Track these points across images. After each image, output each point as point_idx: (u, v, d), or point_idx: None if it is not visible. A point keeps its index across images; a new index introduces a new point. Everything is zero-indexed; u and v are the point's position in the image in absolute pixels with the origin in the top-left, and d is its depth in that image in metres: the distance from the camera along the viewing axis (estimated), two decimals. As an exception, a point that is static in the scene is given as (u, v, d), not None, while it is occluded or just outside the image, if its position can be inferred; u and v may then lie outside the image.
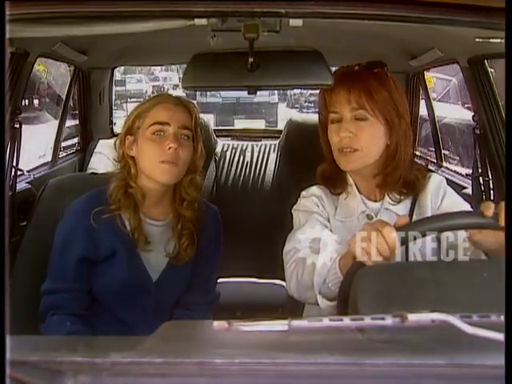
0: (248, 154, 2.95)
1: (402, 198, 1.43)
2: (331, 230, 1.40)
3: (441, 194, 1.42)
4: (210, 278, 1.71)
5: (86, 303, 1.58)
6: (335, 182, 1.46)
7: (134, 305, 1.59)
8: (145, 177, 1.55)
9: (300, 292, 1.33)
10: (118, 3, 1.05)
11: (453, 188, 1.49)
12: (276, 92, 12.71)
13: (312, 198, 1.45)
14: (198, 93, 11.75)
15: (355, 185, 1.45)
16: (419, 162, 2.73)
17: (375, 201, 1.45)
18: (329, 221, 1.43)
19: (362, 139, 1.36)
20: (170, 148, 1.48)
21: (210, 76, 1.45)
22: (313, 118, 2.73)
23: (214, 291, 1.73)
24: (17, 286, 1.66)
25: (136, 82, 16.61)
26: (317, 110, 1.55)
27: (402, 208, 1.42)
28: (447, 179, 1.53)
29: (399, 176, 1.41)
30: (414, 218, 1.40)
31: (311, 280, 1.28)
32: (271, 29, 1.31)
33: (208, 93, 11.52)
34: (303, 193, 1.48)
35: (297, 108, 15.87)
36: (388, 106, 1.38)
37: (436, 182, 1.45)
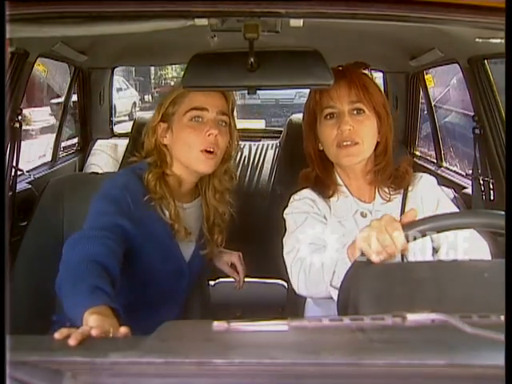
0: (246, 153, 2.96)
1: (393, 194, 1.44)
2: (329, 229, 1.39)
3: (435, 196, 1.42)
4: None
5: (118, 270, 1.26)
6: (323, 184, 1.46)
7: (168, 288, 1.53)
8: (180, 165, 1.48)
9: (310, 289, 1.31)
10: (118, 3, 1.05)
11: (452, 187, 1.49)
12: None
13: (305, 200, 1.44)
14: (238, 94, 11.48)
15: (345, 186, 1.45)
16: (419, 162, 2.75)
17: (365, 202, 1.45)
18: (326, 219, 1.42)
19: (361, 132, 1.39)
20: (209, 135, 1.42)
21: (210, 76, 1.44)
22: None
23: None
24: (17, 286, 1.66)
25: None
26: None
27: (393, 207, 1.42)
28: (447, 178, 1.54)
29: (390, 172, 1.44)
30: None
31: (321, 275, 1.26)
32: (271, 29, 1.32)
33: (247, 95, 11.13)
34: (295, 196, 1.47)
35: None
36: (379, 102, 1.42)
37: (428, 182, 1.46)
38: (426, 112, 2.83)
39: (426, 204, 1.41)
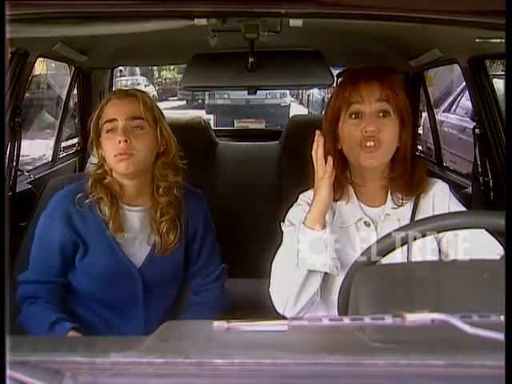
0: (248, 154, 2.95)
1: (405, 200, 1.42)
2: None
3: (446, 204, 1.41)
4: (211, 258, 1.73)
5: (62, 295, 1.63)
6: (335, 186, 1.42)
7: (120, 290, 1.63)
8: (115, 172, 1.61)
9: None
10: (118, 3, 1.05)
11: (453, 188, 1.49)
12: (287, 92, 12.18)
13: (306, 206, 1.40)
14: (206, 94, 11.50)
15: (354, 190, 1.43)
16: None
17: (376, 206, 1.43)
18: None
19: (385, 135, 1.36)
20: (119, 142, 1.52)
21: (210, 76, 1.45)
22: (314, 117, 2.74)
23: (218, 267, 1.74)
24: (17, 285, 1.65)
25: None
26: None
27: (403, 213, 1.40)
28: (446, 178, 1.53)
29: (406, 179, 1.42)
30: None
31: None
32: (271, 29, 1.32)
33: (217, 95, 11.20)
34: (301, 196, 1.45)
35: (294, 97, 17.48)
36: (404, 107, 1.40)
37: (440, 189, 1.44)
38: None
39: (437, 211, 1.38)
